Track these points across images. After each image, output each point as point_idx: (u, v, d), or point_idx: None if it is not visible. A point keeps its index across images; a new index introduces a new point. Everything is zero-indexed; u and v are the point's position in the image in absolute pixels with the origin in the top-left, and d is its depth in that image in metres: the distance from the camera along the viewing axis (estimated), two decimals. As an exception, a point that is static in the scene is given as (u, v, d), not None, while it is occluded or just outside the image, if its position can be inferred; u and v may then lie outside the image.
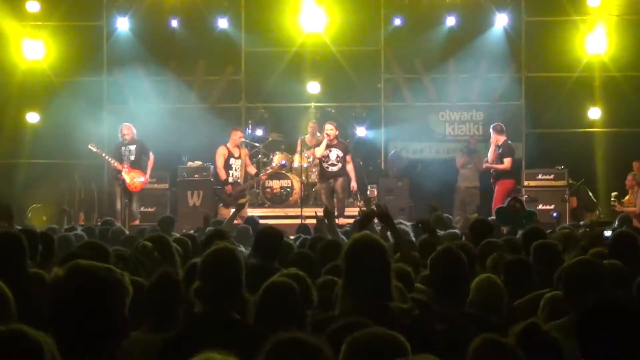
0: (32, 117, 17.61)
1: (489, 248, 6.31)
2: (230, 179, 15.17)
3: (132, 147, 15.20)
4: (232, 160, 15.22)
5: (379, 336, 2.97)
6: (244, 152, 15.46)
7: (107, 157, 15.31)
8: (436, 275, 4.73)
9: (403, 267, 5.23)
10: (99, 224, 11.50)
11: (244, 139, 15.40)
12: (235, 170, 15.23)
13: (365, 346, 2.93)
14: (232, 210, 14.86)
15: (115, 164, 15.05)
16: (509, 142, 15.85)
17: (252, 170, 15.57)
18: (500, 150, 15.68)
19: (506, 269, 5.33)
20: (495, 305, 4.90)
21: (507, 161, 15.52)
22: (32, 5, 17.50)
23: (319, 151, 14.88)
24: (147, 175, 15.28)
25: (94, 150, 15.46)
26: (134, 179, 15.11)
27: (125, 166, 15.07)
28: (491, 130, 15.99)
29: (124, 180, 15.04)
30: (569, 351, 3.43)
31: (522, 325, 3.52)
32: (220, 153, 15.24)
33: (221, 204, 15.17)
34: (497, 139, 15.75)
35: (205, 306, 4.04)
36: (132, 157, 15.17)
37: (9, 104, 17.69)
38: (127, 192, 15.12)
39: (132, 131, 15.25)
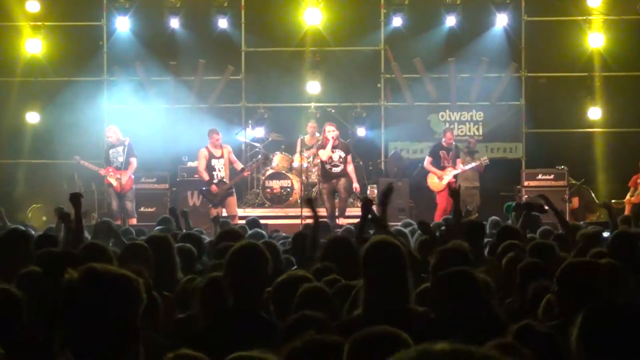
0: (32, 117, 17.62)
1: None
2: (215, 180, 15.14)
3: (120, 149, 15.28)
4: (213, 161, 15.17)
5: (381, 334, 2.98)
6: (227, 150, 15.37)
7: (90, 166, 15.44)
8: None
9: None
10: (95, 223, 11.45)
11: (220, 140, 15.33)
12: (219, 170, 15.18)
13: (367, 344, 2.94)
14: (222, 209, 14.96)
15: (100, 170, 15.21)
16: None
17: (238, 166, 15.53)
18: None
19: (522, 273, 5.30)
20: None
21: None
22: (32, 5, 17.49)
23: (325, 154, 14.84)
24: (127, 177, 15.26)
25: (80, 163, 15.55)
26: (120, 180, 15.17)
27: (110, 170, 15.16)
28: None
29: (111, 184, 15.13)
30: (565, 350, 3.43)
31: (517, 326, 3.53)
32: (202, 155, 15.22)
33: (210, 205, 15.18)
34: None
35: (235, 301, 4.15)
36: (121, 159, 15.25)
37: (9, 103, 17.70)
38: (118, 194, 15.18)
39: (117, 134, 15.32)
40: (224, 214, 14.90)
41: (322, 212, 15.02)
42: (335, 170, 14.87)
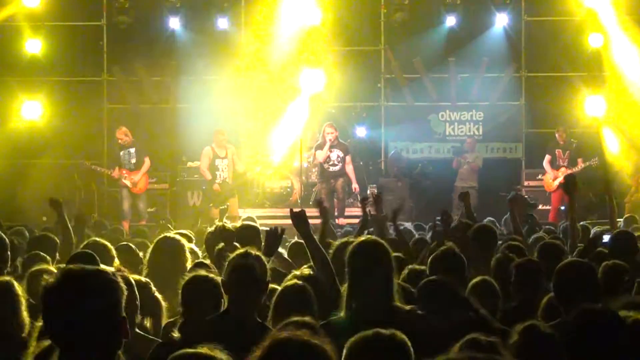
0: (32, 117, 17.59)
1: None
2: (219, 179, 15.10)
3: (132, 150, 15.22)
4: (217, 161, 15.10)
5: (381, 336, 2.99)
6: (232, 151, 15.35)
7: (103, 170, 15.38)
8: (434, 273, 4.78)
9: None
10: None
11: (225, 141, 15.29)
12: (222, 170, 15.11)
13: (367, 346, 2.95)
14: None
15: (114, 173, 15.10)
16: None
17: (240, 168, 15.49)
18: None
19: (517, 271, 5.32)
20: (490, 307, 4.90)
21: None
22: (31, 1, 17.38)
23: (321, 155, 14.83)
24: (140, 176, 15.22)
25: (92, 168, 15.51)
26: (137, 182, 15.13)
27: (124, 172, 15.10)
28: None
29: (126, 186, 15.09)
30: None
31: (523, 326, 3.54)
32: (205, 154, 15.16)
33: (211, 204, 15.12)
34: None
35: (232, 305, 4.23)
36: (133, 161, 15.19)
37: (9, 103, 17.68)
38: (132, 195, 15.15)
39: (128, 135, 15.26)
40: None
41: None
42: (333, 169, 14.86)
